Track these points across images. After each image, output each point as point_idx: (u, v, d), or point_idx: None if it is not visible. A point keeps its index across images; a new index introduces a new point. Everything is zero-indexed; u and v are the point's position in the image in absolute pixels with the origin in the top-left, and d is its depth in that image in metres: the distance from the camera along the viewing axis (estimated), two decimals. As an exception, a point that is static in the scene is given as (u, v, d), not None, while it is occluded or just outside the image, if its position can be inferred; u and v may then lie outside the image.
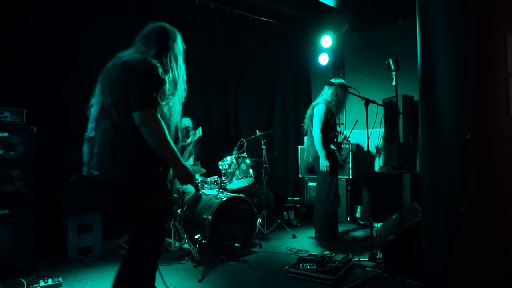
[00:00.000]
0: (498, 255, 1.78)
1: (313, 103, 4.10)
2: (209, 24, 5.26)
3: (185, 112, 4.54)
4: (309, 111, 4.11)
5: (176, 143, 1.95)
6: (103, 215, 3.66)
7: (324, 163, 3.85)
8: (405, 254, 2.56)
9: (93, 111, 2.01)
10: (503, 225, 1.78)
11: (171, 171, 1.98)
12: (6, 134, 3.10)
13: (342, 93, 3.95)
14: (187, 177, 1.93)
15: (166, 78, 1.90)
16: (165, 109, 1.91)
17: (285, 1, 5.52)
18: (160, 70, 1.87)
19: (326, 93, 4.01)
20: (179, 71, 2.07)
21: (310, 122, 4.05)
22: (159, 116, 1.80)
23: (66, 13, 3.97)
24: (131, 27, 4.73)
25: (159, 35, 2.09)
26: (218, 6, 5.20)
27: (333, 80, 3.94)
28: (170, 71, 1.98)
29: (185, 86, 2.15)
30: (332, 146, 4.01)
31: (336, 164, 4.00)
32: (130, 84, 1.81)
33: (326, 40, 5.81)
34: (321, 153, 3.86)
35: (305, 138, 4.24)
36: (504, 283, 1.77)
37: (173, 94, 1.97)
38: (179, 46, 2.19)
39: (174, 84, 1.99)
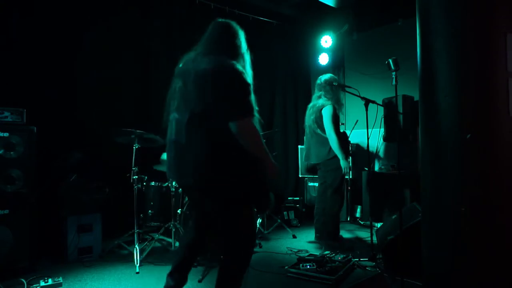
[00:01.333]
0: (498, 255, 1.78)
1: (318, 105, 3.94)
2: (209, 24, 5.24)
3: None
4: (315, 113, 3.96)
5: None
6: (103, 215, 3.66)
7: (345, 165, 3.79)
8: (405, 254, 2.56)
9: (179, 117, 1.96)
10: (503, 225, 1.78)
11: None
12: (6, 134, 3.10)
13: (337, 89, 3.91)
14: (277, 172, 1.98)
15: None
16: (256, 114, 1.95)
17: (285, 1, 5.52)
18: (244, 74, 1.91)
19: (326, 93, 3.94)
20: (249, 70, 2.13)
21: (315, 125, 3.93)
22: (252, 126, 1.85)
23: (66, 13, 3.97)
24: (132, 27, 4.77)
25: (229, 35, 2.07)
26: (218, 6, 5.20)
27: (324, 76, 3.93)
28: (246, 70, 2.02)
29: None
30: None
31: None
32: (220, 92, 1.82)
33: (326, 40, 5.81)
34: (341, 155, 3.77)
35: (305, 139, 4.17)
36: (504, 283, 1.77)
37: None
38: (245, 44, 2.20)
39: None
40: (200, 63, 1.91)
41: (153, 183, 3.89)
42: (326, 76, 3.98)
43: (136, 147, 3.55)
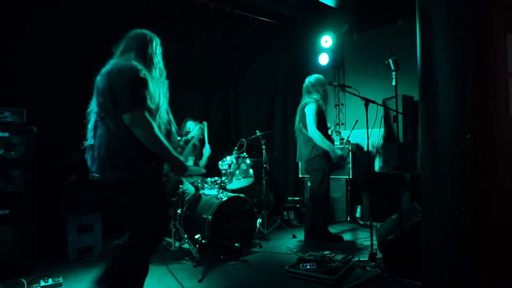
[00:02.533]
0: (498, 255, 1.78)
1: (302, 104, 4.00)
2: (209, 24, 5.26)
3: (186, 113, 4.58)
4: (299, 112, 4.01)
5: (168, 138, 2.11)
6: (103, 215, 3.66)
7: (336, 154, 3.82)
8: (405, 254, 2.56)
9: (91, 119, 2.16)
10: (503, 225, 1.78)
11: (165, 166, 2.09)
12: (6, 134, 3.10)
13: (321, 88, 3.93)
14: (181, 168, 2.06)
15: (149, 79, 2.03)
16: (153, 107, 2.02)
17: (285, 1, 5.52)
18: (143, 71, 2.02)
19: (310, 92, 3.97)
20: (160, 71, 2.23)
21: (300, 124, 3.97)
22: (147, 114, 1.93)
23: (67, 13, 3.97)
24: (132, 27, 4.73)
25: (138, 40, 2.26)
26: (218, 6, 5.20)
27: (309, 78, 3.98)
28: (152, 71, 2.15)
29: (166, 84, 2.27)
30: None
31: (331, 161, 3.96)
32: (117, 89, 1.95)
33: (326, 40, 5.81)
34: (328, 147, 3.81)
35: (298, 140, 4.15)
36: (504, 283, 1.77)
37: (157, 92, 2.09)
38: (157, 48, 2.37)
39: (156, 83, 2.13)
40: (107, 67, 2.11)
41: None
42: (311, 77, 4.02)
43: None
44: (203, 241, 3.41)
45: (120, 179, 1.97)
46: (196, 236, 3.47)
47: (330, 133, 4.01)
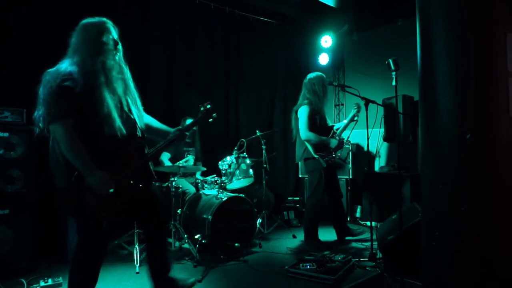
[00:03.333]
0: (498, 255, 1.78)
1: (295, 107, 3.98)
2: (209, 24, 5.26)
3: (186, 112, 4.58)
4: (293, 114, 3.98)
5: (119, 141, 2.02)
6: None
7: (335, 143, 3.83)
8: (405, 254, 2.56)
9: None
10: (503, 225, 1.78)
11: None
12: (6, 134, 3.10)
13: (320, 87, 3.88)
14: (100, 185, 1.94)
15: (82, 81, 1.92)
16: (104, 110, 1.95)
17: (285, 1, 5.52)
18: (77, 75, 1.93)
19: (307, 92, 3.92)
20: (112, 65, 2.08)
21: (296, 127, 3.95)
22: (62, 129, 1.87)
23: (66, 13, 3.97)
24: (132, 27, 4.76)
25: (81, 36, 2.13)
26: (218, 6, 5.20)
27: (310, 75, 3.95)
28: (99, 72, 2.00)
29: (127, 79, 2.22)
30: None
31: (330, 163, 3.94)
32: (44, 99, 1.96)
33: (326, 40, 5.81)
34: (327, 141, 3.81)
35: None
36: (504, 283, 1.77)
37: (107, 93, 2.01)
38: (110, 39, 2.13)
39: (107, 81, 2.02)
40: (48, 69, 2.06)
41: (153, 183, 3.88)
42: (312, 75, 3.98)
43: (136, 147, 3.54)
44: (203, 241, 3.41)
45: (59, 186, 2.02)
46: (196, 236, 3.47)
47: (333, 133, 3.95)
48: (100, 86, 1.98)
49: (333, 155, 3.87)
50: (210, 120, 2.46)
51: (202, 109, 2.43)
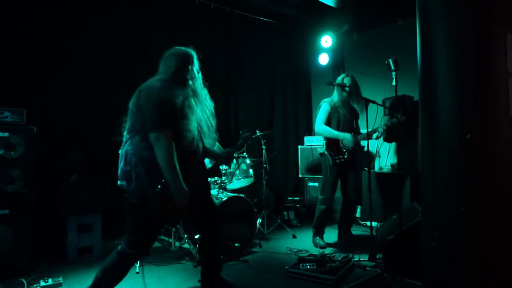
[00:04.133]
0: (498, 255, 1.78)
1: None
2: (209, 24, 5.26)
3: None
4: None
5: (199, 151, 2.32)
6: (103, 215, 3.66)
7: (349, 138, 3.80)
8: (405, 254, 2.56)
9: (124, 133, 2.28)
10: (503, 225, 1.78)
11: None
12: (6, 134, 3.10)
13: (341, 91, 3.89)
14: (182, 198, 2.10)
15: (181, 100, 2.15)
16: (189, 126, 2.19)
17: (285, 1, 5.52)
18: (173, 92, 2.14)
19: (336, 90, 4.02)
20: (199, 89, 2.38)
21: None
22: (165, 138, 2.04)
23: (66, 14, 3.97)
24: (132, 27, 4.77)
25: (175, 59, 2.34)
26: (218, 6, 5.20)
27: (339, 78, 3.96)
28: (189, 91, 2.28)
29: (210, 103, 2.49)
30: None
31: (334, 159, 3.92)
32: (145, 108, 2.09)
33: (326, 40, 5.80)
34: (338, 136, 3.81)
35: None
36: (504, 283, 1.77)
37: (193, 111, 2.25)
38: (196, 67, 2.45)
39: (195, 101, 2.30)
40: (142, 85, 2.24)
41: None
42: (340, 77, 4.01)
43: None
44: (203, 241, 3.41)
45: (128, 189, 2.12)
46: (196, 236, 3.47)
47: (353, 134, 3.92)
48: (191, 106, 2.23)
49: (344, 156, 3.81)
50: (246, 143, 2.82)
51: (242, 135, 2.76)
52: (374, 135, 3.76)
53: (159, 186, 2.07)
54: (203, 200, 2.55)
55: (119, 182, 2.20)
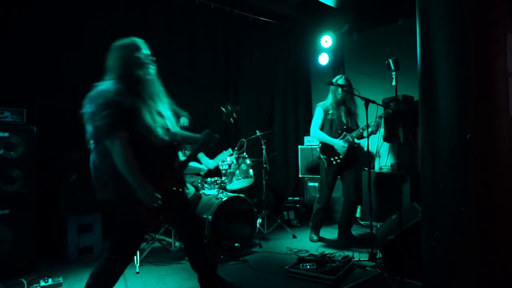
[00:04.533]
0: (498, 255, 1.78)
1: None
2: (209, 24, 5.26)
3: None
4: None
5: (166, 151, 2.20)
6: (103, 215, 3.66)
7: (340, 145, 3.86)
8: (405, 254, 2.56)
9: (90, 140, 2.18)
10: (503, 225, 1.78)
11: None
12: (6, 134, 3.10)
13: (340, 92, 3.92)
14: (149, 198, 2.04)
15: (133, 96, 2.05)
16: (148, 120, 2.07)
17: (285, 1, 5.52)
18: (123, 91, 2.03)
19: (330, 92, 4.08)
20: (151, 82, 2.23)
21: None
22: (119, 143, 1.97)
23: (66, 13, 3.97)
24: (131, 27, 4.77)
25: (120, 53, 2.23)
26: (218, 6, 5.20)
27: (333, 80, 3.96)
28: (141, 84, 2.15)
29: (161, 90, 2.32)
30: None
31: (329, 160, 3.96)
32: (96, 115, 1.98)
33: (326, 40, 5.80)
34: (331, 142, 3.88)
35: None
36: (505, 283, 1.77)
37: (149, 104, 2.13)
38: (143, 56, 2.27)
39: (148, 94, 2.17)
40: (92, 90, 2.15)
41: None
42: (335, 79, 4.04)
43: (136, 147, 3.54)
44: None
45: (103, 198, 2.09)
46: (196, 236, 3.47)
47: (343, 136, 3.96)
48: (142, 99, 2.12)
49: (340, 156, 3.87)
50: (232, 120, 2.61)
51: (224, 110, 2.59)
52: (369, 130, 3.77)
53: (123, 192, 2.03)
54: (179, 202, 2.43)
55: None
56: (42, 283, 2.77)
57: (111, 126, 1.96)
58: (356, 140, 3.93)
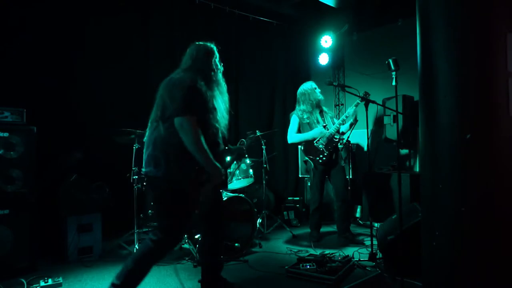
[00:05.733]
0: (498, 255, 1.78)
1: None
2: (209, 24, 5.26)
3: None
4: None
5: (221, 144, 2.38)
6: (103, 215, 3.66)
7: (318, 130, 4.00)
8: (405, 254, 2.56)
9: (150, 122, 2.33)
10: (503, 225, 1.78)
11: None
12: (6, 134, 3.10)
13: (308, 96, 4.11)
14: (217, 173, 2.20)
15: (206, 90, 2.24)
16: (215, 118, 2.28)
17: (285, 1, 5.52)
18: (197, 83, 2.20)
19: (298, 101, 4.23)
20: (220, 84, 2.45)
21: None
22: (190, 123, 2.08)
23: (66, 13, 3.98)
24: (131, 27, 4.76)
25: (197, 54, 2.41)
26: (218, 6, 5.20)
27: (301, 86, 4.19)
28: (211, 83, 2.34)
29: (227, 96, 2.53)
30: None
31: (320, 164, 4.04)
32: (171, 97, 2.16)
33: (326, 40, 5.80)
34: (310, 134, 4.00)
35: None
36: (505, 283, 1.77)
37: (218, 100, 2.35)
38: (217, 61, 2.49)
39: (219, 93, 2.39)
40: (169, 77, 2.32)
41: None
42: (300, 88, 4.24)
43: (136, 147, 3.55)
44: (203, 241, 3.41)
45: (157, 175, 2.15)
46: (196, 236, 3.47)
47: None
48: (215, 95, 2.33)
49: (324, 154, 3.96)
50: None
51: (249, 136, 2.93)
52: (348, 122, 3.92)
53: (194, 170, 2.12)
54: (217, 198, 2.58)
55: (143, 170, 2.24)
56: (42, 283, 2.77)
57: (186, 108, 2.09)
58: (336, 136, 4.02)
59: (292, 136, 4.13)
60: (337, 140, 4.04)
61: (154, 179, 2.20)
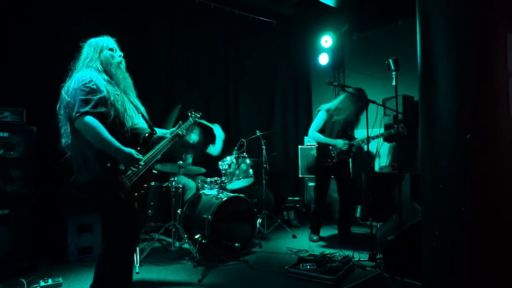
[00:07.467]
0: (498, 255, 1.78)
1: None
2: (209, 24, 5.26)
3: (186, 112, 4.58)
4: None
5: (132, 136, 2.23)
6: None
7: (341, 143, 3.94)
8: (405, 254, 2.56)
9: (61, 126, 2.32)
10: (503, 225, 1.78)
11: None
12: (6, 134, 3.10)
13: (346, 101, 3.98)
14: (131, 160, 2.09)
15: (100, 83, 2.14)
16: (118, 106, 2.16)
17: (285, 1, 5.52)
18: (90, 79, 2.13)
19: (337, 99, 4.15)
20: (116, 74, 2.33)
21: None
22: (89, 118, 2.02)
23: (66, 13, 3.97)
24: (131, 27, 4.76)
25: (87, 49, 2.41)
26: (218, 6, 5.20)
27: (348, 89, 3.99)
28: (111, 75, 2.28)
29: (127, 79, 2.42)
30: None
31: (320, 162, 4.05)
32: (68, 100, 2.12)
33: (326, 40, 5.80)
34: (330, 142, 3.96)
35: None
36: (505, 283, 1.77)
37: (118, 93, 2.24)
38: (107, 50, 2.43)
39: (119, 85, 2.30)
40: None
41: (153, 183, 3.89)
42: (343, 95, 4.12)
43: (136, 147, 3.54)
44: (203, 241, 3.41)
45: (86, 181, 2.11)
46: (196, 236, 3.47)
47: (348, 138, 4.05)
48: (114, 88, 2.22)
49: (333, 160, 3.96)
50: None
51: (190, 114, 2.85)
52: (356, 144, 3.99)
53: (108, 164, 2.05)
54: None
55: (73, 177, 2.20)
56: (42, 283, 2.77)
57: (80, 109, 2.02)
58: (353, 149, 4.04)
59: (314, 134, 4.04)
60: (352, 154, 4.08)
61: (84, 186, 2.15)
